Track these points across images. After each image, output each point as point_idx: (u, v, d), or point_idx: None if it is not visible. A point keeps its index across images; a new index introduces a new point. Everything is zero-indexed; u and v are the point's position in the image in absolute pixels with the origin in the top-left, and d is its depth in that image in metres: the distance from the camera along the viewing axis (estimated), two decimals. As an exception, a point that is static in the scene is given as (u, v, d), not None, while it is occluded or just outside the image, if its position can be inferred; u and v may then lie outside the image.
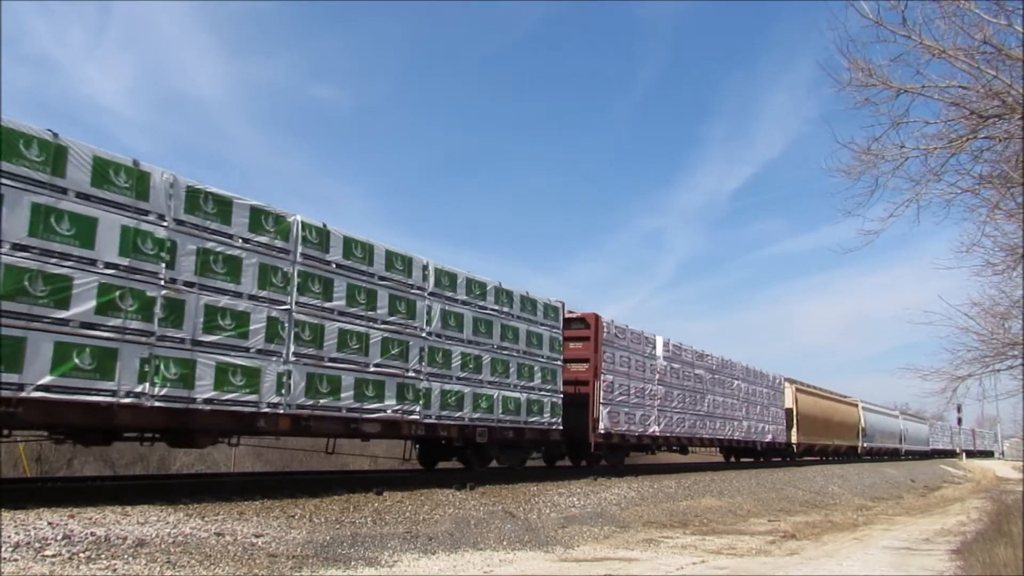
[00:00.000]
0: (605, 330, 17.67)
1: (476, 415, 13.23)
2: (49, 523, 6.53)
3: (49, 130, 7.65)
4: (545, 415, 15.22)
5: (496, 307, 14.08)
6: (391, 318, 11.60)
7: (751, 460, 29.55)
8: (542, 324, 15.52)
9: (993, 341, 11.78)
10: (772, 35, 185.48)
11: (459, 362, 12.95)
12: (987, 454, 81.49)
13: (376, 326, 11.36)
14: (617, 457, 19.01)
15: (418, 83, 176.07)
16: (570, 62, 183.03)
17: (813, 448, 34.08)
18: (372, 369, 11.25)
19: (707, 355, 23.32)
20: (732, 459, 29.42)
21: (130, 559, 6.08)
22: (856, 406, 41.01)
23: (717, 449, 27.41)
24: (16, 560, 5.64)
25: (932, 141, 7.80)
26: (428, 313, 12.35)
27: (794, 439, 30.99)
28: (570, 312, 17.59)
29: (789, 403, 31.08)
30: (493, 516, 10.28)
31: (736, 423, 24.96)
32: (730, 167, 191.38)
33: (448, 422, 12.66)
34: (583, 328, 17.68)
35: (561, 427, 15.62)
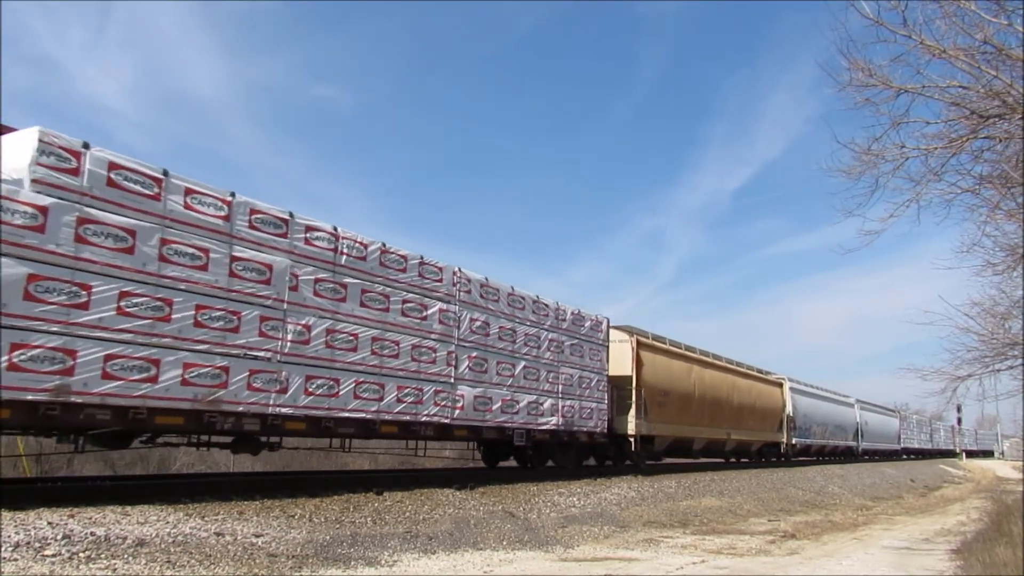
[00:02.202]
0: None
1: None
2: (49, 523, 6.53)
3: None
4: None
5: None
6: None
7: (517, 467, 16.57)
8: None
9: (993, 341, 11.76)
10: (773, 35, 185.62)
11: None
12: (973, 454, 75.10)
13: None
14: None
15: (418, 83, 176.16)
16: (571, 62, 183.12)
17: (689, 444, 21.65)
18: None
19: (331, 233, 10.75)
20: (500, 464, 16.84)
21: (130, 559, 6.08)
22: (780, 386, 29.72)
23: (476, 444, 15.89)
24: (16, 560, 5.64)
25: (932, 141, 7.80)
26: None
27: (631, 429, 18.14)
28: None
29: (624, 368, 18.39)
30: (493, 516, 10.29)
31: (443, 389, 12.54)
32: (731, 167, 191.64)
33: None
34: None
35: None
